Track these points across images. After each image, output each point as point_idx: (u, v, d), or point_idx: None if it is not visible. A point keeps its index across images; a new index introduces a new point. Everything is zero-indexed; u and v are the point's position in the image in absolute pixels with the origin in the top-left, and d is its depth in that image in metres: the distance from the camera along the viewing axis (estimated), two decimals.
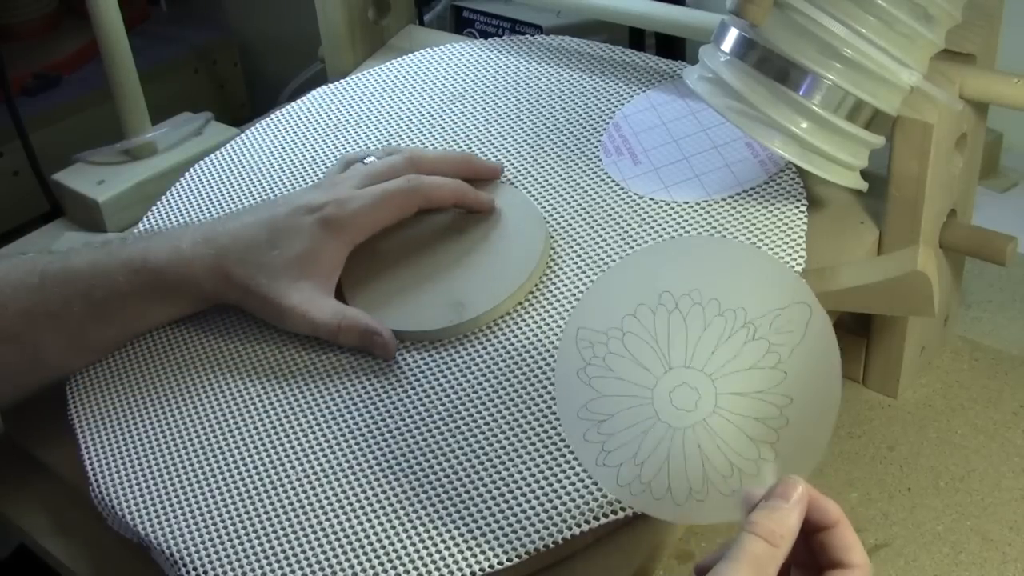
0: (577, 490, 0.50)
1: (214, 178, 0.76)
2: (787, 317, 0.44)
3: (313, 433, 0.56)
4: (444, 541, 0.50)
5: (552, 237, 0.63)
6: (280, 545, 0.52)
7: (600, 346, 0.45)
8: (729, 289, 0.44)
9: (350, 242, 0.61)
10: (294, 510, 0.53)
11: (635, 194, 0.65)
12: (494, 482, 0.52)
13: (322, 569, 0.50)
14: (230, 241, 0.60)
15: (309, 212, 0.60)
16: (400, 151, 0.66)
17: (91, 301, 0.58)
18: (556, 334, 0.58)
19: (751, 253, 0.50)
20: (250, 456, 0.56)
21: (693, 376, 0.44)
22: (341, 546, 0.51)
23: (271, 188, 0.73)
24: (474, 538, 0.50)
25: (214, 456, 0.57)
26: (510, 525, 0.50)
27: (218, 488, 0.55)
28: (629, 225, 0.63)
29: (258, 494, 0.54)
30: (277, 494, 0.54)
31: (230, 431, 0.58)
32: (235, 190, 0.74)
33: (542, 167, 0.69)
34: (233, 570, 0.51)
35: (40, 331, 0.58)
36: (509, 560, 0.49)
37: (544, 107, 0.74)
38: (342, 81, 0.83)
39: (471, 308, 0.59)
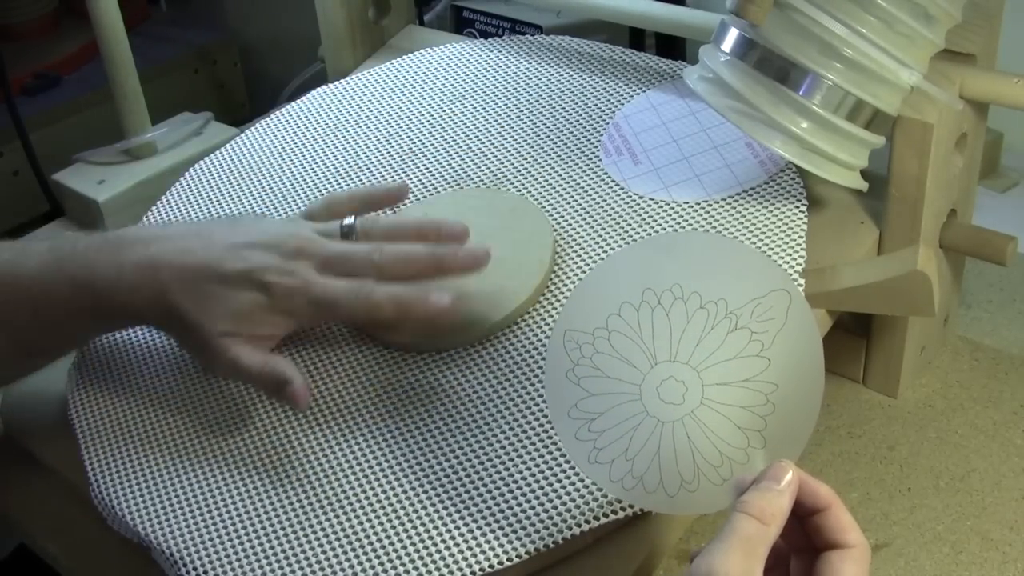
0: (577, 490, 0.50)
1: (214, 178, 0.76)
2: (767, 305, 0.44)
3: (313, 433, 0.56)
4: (444, 541, 0.50)
5: (556, 243, 0.63)
6: (280, 545, 0.52)
7: (587, 346, 0.46)
8: (709, 282, 0.45)
9: (293, 325, 0.59)
10: (294, 510, 0.53)
11: (635, 194, 0.65)
12: (494, 482, 0.52)
13: (322, 569, 0.50)
14: (175, 279, 0.57)
15: (259, 288, 0.56)
16: (374, 230, 0.61)
17: (36, 312, 0.57)
18: None
19: (729, 244, 0.51)
20: (250, 456, 0.56)
21: (679, 370, 0.45)
22: (341, 546, 0.51)
23: (271, 188, 0.73)
24: (474, 538, 0.50)
25: (214, 456, 0.57)
26: (510, 525, 0.50)
27: (218, 488, 0.55)
28: (629, 225, 0.63)
29: (258, 494, 0.54)
30: (277, 494, 0.54)
31: (230, 431, 0.58)
32: (235, 190, 0.74)
33: (542, 167, 0.69)
34: (233, 570, 0.51)
35: None
36: (509, 560, 0.49)
37: (544, 107, 0.74)
38: (342, 81, 0.83)
39: (474, 322, 0.59)
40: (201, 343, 0.57)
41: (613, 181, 0.66)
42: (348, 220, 0.61)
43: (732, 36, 0.58)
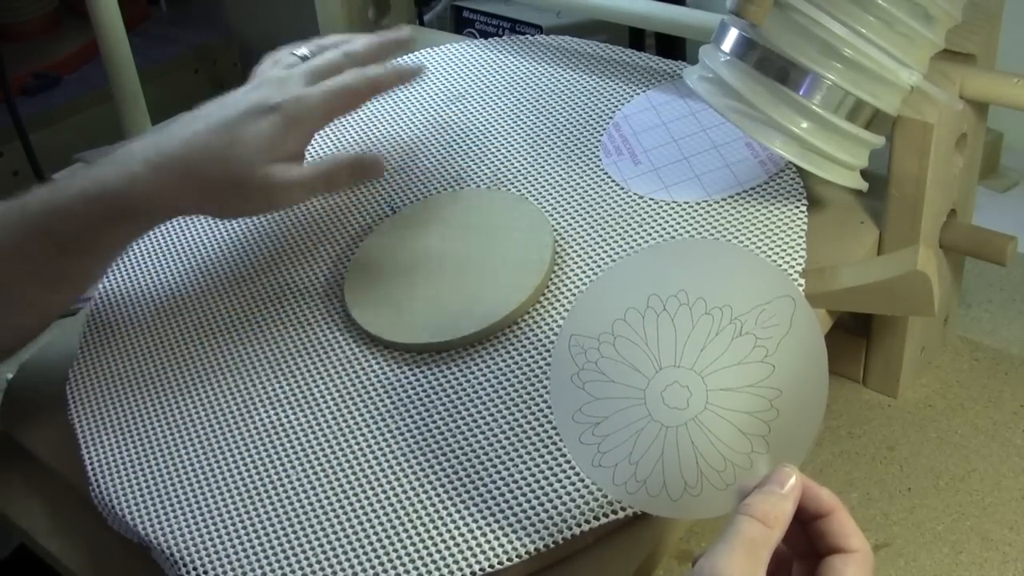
0: (577, 490, 0.50)
1: None
2: (772, 311, 0.45)
3: (313, 433, 0.56)
4: (444, 541, 0.50)
5: (556, 242, 0.63)
6: (280, 545, 0.52)
7: (592, 351, 0.46)
8: (714, 288, 0.45)
9: (309, 135, 0.63)
10: (294, 510, 0.53)
11: (635, 194, 0.65)
12: (494, 482, 0.52)
13: (322, 569, 0.50)
14: (188, 151, 0.60)
15: (269, 111, 0.61)
16: (334, 45, 0.68)
17: (56, 234, 0.58)
18: (556, 335, 0.58)
19: (734, 251, 0.51)
20: (250, 456, 0.56)
21: (683, 375, 0.45)
22: (341, 546, 0.51)
23: None
24: (474, 538, 0.50)
25: (214, 456, 0.57)
26: (510, 525, 0.50)
27: (218, 488, 0.55)
28: (629, 225, 0.63)
29: (258, 494, 0.54)
30: (277, 494, 0.54)
31: (230, 431, 0.58)
32: None
33: (542, 167, 0.69)
34: (233, 570, 0.51)
35: (12, 270, 0.59)
36: (509, 560, 0.49)
37: (544, 107, 0.74)
38: None
39: (475, 322, 0.59)
40: (246, 187, 0.60)
41: (613, 181, 0.66)
42: (299, 51, 0.67)
43: (732, 36, 0.58)
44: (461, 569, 0.49)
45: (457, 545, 0.50)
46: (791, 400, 0.44)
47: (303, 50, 0.67)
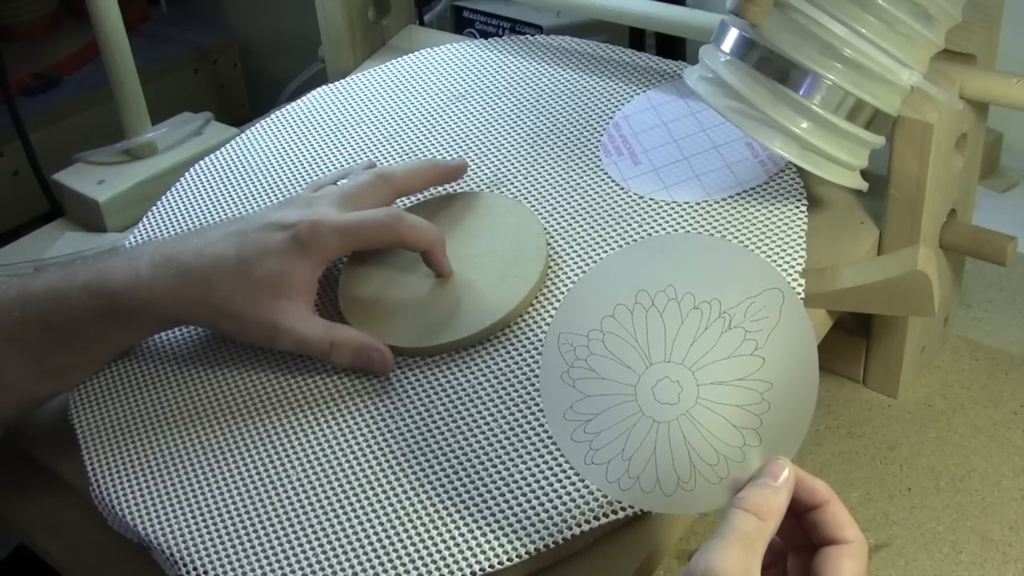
0: (577, 490, 0.50)
1: (214, 178, 0.76)
2: (761, 304, 0.45)
3: (313, 433, 0.56)
4: (444, 541, 0.50)
5: (551, 237, 0.63)
6: (280, 545, 0.52)
7: (582, 348, 0.46)
8: (702, 282, 0.45)
9: (321, 263, 0.59)
10: (294, 510, 0.53)
11: (635, 194, 0.65)
12: (494, 483, 0.52)
13: (322, 569, 0.50)
14: (193, 259, 0.57)
15: (281, 229, 0.57)
16: (369, 169, 0.64)
17: (48, 325, 0.56)
18: None
19: (721, 245, 0.51)
20: (250, 456, 0.56)
21: (674, 370, 0.45)
22: (341, 546, 0.51)
23: (271, 188, 0.73)
24: (474, 538, 0.50)
25: (214, 456, 0.57)
26: (510, 525, 0.50)
27: (218, 488, 0.55)
28: (629, 225, 0.63)
29: (258, 494, 0.54)
30: (277, 494, 0.54)
31: (231, 432, 0.58)
32: (235, 190, 0.74)
33: (542, 167, 0.69)
34: (233, 570, 0.51)
35: (1, 355, 0.56)
36: (509, 560, 0.49)
37: (544, 107, 0.74)
38: (342, 81, 0.83)
39: (469, 326, 0.59)
40: (249, 322, 0.57)
41: (613, 181, 0.66)
42: (339, 182, 0.65)
43: (732, 36, 0.58)
44: (461, 569, 0.49)
45: (457, 545, 0.50)
46: (782, 392, 0.44)
47: (343, 181, 0.64)
